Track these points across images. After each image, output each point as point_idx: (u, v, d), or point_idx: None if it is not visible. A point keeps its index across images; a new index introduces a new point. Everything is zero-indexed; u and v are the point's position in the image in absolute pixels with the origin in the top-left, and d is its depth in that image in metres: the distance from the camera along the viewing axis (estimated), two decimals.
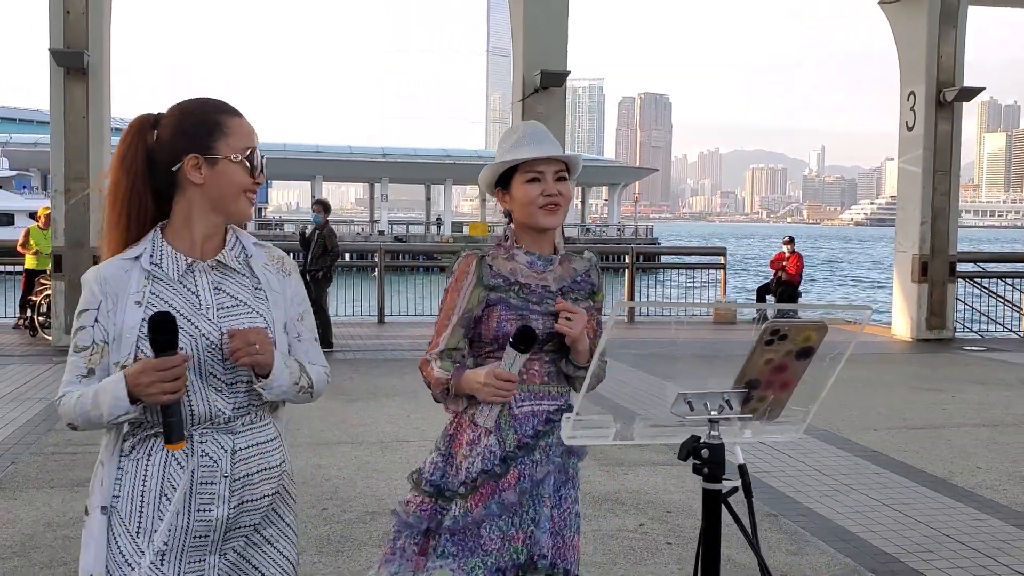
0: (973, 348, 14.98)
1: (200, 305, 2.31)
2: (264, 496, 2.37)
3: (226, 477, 2.29)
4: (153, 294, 2.28)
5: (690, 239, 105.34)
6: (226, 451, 2.30)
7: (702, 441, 2.04)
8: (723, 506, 2.07)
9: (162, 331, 2.16)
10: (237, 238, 2.45)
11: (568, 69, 14.12)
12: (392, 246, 28.16)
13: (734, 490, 2.09)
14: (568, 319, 2.79)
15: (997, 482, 7.07)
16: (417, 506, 2.87)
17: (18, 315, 15.62)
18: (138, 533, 2.25)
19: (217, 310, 2.32)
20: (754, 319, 18.61)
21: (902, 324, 16.05)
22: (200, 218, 2.36)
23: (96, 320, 2.27)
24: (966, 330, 17.35)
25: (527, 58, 14.06)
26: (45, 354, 12.62)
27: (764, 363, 1.99)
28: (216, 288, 2.35)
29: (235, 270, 2.39)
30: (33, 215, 15.57)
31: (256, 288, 2.40)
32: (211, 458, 2.28)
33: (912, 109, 15.87)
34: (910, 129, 15.92)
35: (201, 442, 2.28)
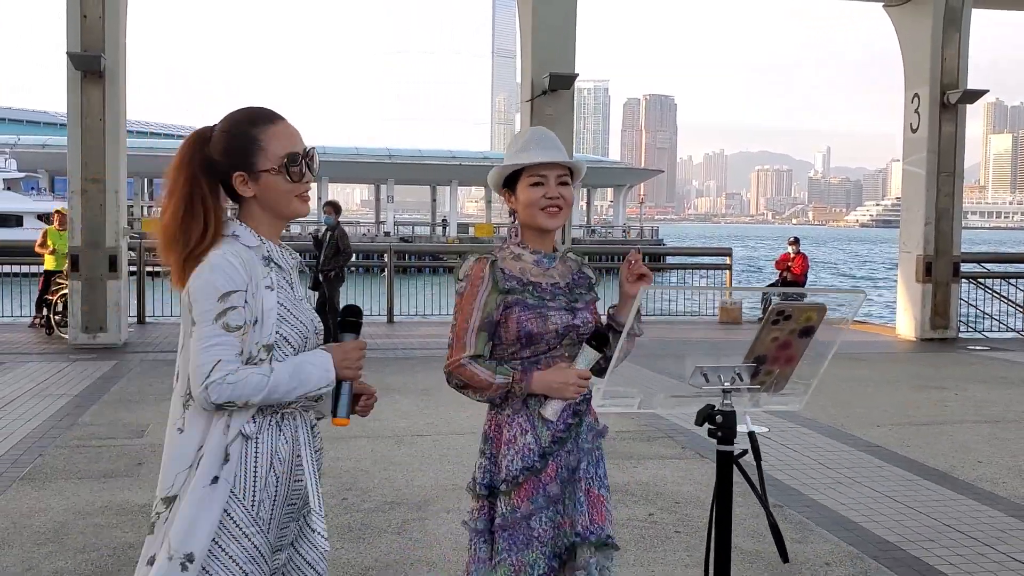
0: (976, 347, 15.16)
1: (295, 295, 2.57)
2: (321, 466, 2.68)
3: (313, 451, 2.59)
4: (277, 283, 2.52)
5: (696, 240, 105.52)
6: (309, 427, 2.60)
7: (716, 408, 2.25)
8: (735, 467, 2.27)
9: (357, 316, 2.54)
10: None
11: (576, 72, 14.31)
12: (400, 247, 28.38)
13: (744, 452, 2.30)
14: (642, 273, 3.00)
15: (997, 475, 7.25)
16: (479, 511, 3.05)
17: (34, 314, 15.86)
18: (252, 506, 2.44)
19: (305, 302, 2.63)
20: (761, 312, 18.83)
21: (906, 324, 16.24)
22: (266, 220, 2.58)
23: (246, 301, 2.43)
24: (970, 330, 17.53)
25: (535, 60, 14.27)
26: (62, 352, 12.85)
27: (771, 340, 2.20)
28: (299, 284, 2.64)
29: (300, 270, 2.69)
30: (42, 216, 15.83)
31: (300, 283, 2.68)
32: (303, 434, 2.56)
33: (916, 111, 16.06)
34: (914, 131, 16.11)
35: (295, 420, 2.55)
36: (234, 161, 2.51)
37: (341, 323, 2.53)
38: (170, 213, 2.51)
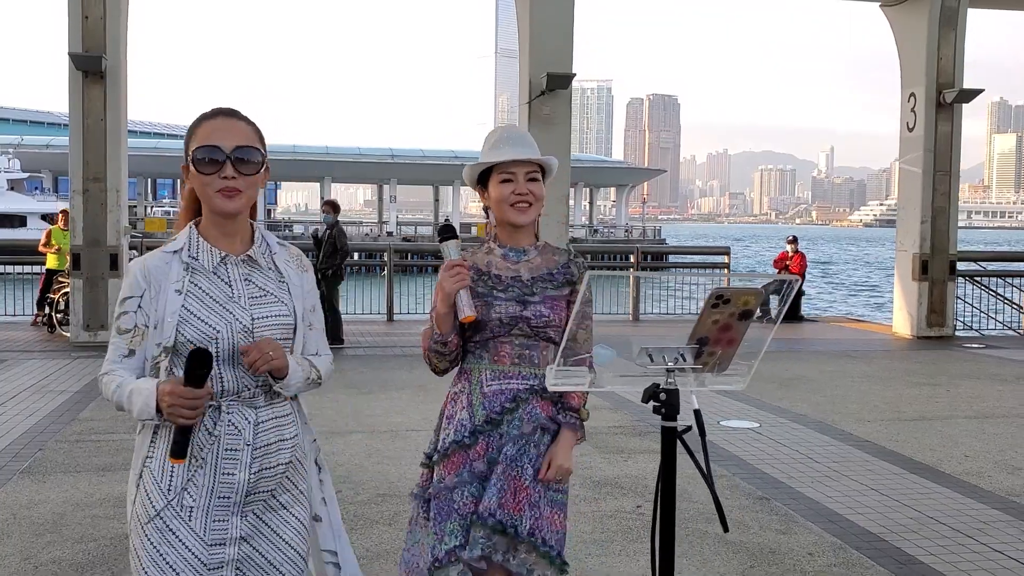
0: (973, 345, 15.25)
1: (233, 294, 2.60)
2: (279, 464, 2.64)
3: (248, 445, 2.58)
4: (192, 283, 2.57)
5: (699, 241, 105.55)
6: (249, 422, 2.58)
7: (661, 387, 2.36)
8: (678, 441, 2.40)
9: (198, 365, 2.40)
10: (263, 236, 2.74)
11: (574, 71, 14.40)
12: (401, 246, 28.49)
13: (688, 429, 2.41)
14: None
15: (983, 469, 7.36)
16: (422, 478, 3.25)
17: (36, 312, 16.00)
18: (168, 490, 2.54)
19: (248, 299, 2.61)
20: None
21: (903, 322, 16.33)
22: (209, 216, 2.66)
23: (139, 306, 2.56)
24: (967, 328, 17.62)
25: (533, 60, 14.36)
26: (63, 350, 12.97)
27: (712, 323, 2.31)
28: (246, 280, 2.64)
29: (260, 265, 2.68)
30: (45, 217, 16.00)
31: (280, 281, 2.69)
32: (236, 427, 2.56)
33: (913, 110, 16.15)
34: (911, 130, 16.21)
35: (228, 413, 2.57)
36: (184, 153, 2.65)
37: (185, 371, 2.42)
38: (180, 217, 2.77)
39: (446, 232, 2.99)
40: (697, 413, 2.34)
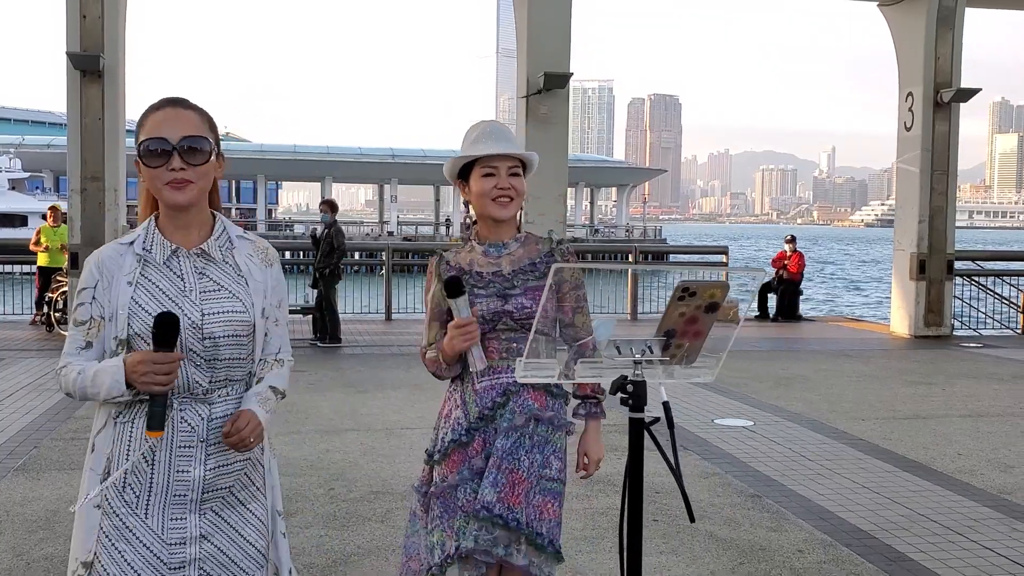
0: (970, 345, 15.26)
1: (184, 288, 2.56)
2: (236, 461, 2.60)
3: (203, 442, 2.54)
4: (143, 276, 2.54)
5: (700, 240, 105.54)
6: (203, 419, 2.54)
7: (628, 379, 2.39)
8: (646, 434, 2.43)
9: (165, 329, 2.39)
10: (224, 228, 2.68)
11: (571, 71, 14.42)
12: (400, 245, 28.54)
13: (656, 420, 2.43)
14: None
15: (976, 467, 7.37)
16: (424, 474, 3.29)
17: (35, 312, 16.04)
18: (123, 488, 2.51)
19: (200, 292, 2.56)
20: (755, 315, 18.90)
21: (900, 321, 16.35)
22: (163, 209, 2.62)
23: (94, 298, 2.53)
24: (964, 328, 17.63)
25: (531, 60, 14.37)
26: (61, 349, 12.96)
27: (679, 315, 2.33)
28: (200, 273, 2.58)
29: (213, 259, 2.61)
30: (46, 217, 16.07)
31: (238, 275, 2.62)
32: (189, 424, 2.53)
33: (910, 110, 16.16)
34: (908, 129, 16.22)
35: (180, 410, 2.53)
36: (136, 147, 2.60)
37: (153, 336, 2.42)
38: (140, 217, 2.72)
39: (454, 289, 2.97)
40: (666, 405, 2.37)
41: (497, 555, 3.02)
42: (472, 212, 3.26)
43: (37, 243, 15.88)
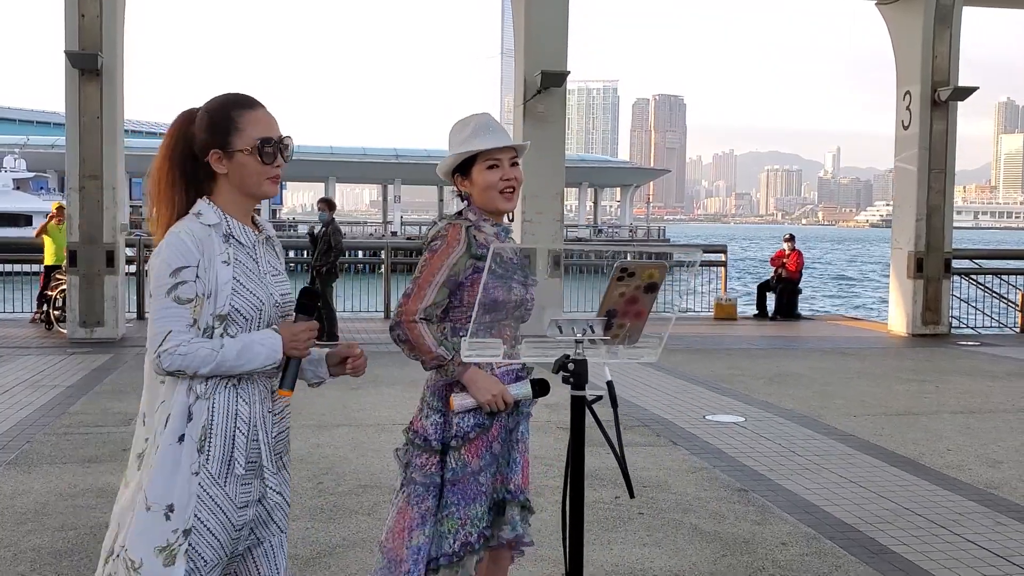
0: (967, 343, 15.27)
1: (260, 271, 2.74)
2: (287, 428, 2.85)
3: (271, 412, 2.75)
4: (235, 256, 2.69)
5: (703, 241, 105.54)
6: (270, 392, 2.75)
7: (570, 357, 2.43)
8: (588, 411, 2.48)
9: (311, 299, 2.69)
10: (260, 220, 2.87)
11: (568, 69, 14.45)
12: (400, 244, 28.57)
13: (598, 398, 2.47)
14: None
15: (963, 462, 7.39)
16: (435, 465, 3.20)
17: (35, 310, 16.11)
18: (209, 459, 2.61)
19: (270, 276, 2.77)
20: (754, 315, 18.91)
21: (898, 319, 16.36)
22: (235, 198, 2.76)
23: (197, 276, 2.61)
24: (962, 326, 17.63)
25: (529, 58, 14.41)
26: (60, 346, 13.06)
27: (619, 295, 2.37)
28: (266, 259, 2.80)
29: (272, 245, 2.86)
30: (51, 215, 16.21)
31: (279, 259, 2.87)
32: (263, 397, 2.72)
33: (908, 108, 16.18)
34: (906, 128, 16.23)
35: (259, 383, 2.72)
36: (212, 139, 2.70)
37: (297, 304, 2.68)
38: (154, 199, 2.76)
39: (543, 390, 3.04)
40: (610, 384, 2.41)
41: (518, 534, 3.18)
42: (466, 204, 3.29)
43: (43, 232, 16.05)
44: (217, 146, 2.69)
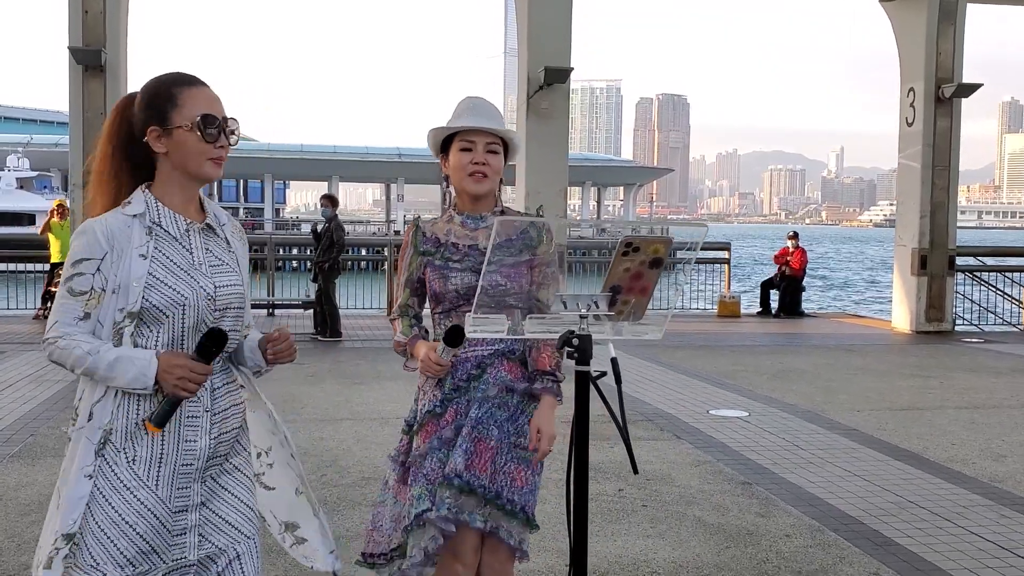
0: (971, 340, 15.24)
1: (194, 262, 2.60)
2: (233, 428, 2.68)
3: (207, 412, 2.59)
4: (156, 249, 2.54)
5: (708, 240, 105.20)
6: (207, 389, 2.58)
7: (574, 333, 2.42)
8: (592, 387, 2.47)
9: (215, 342, 2.47)
10: (210, 206, 2.73)
11: (571, 66, 14.44)
12: (401, 241, 28.56)
13: (603, 374, 2.46)
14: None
15: (968, 456, 7.38)
16: (401, 445, 3.36)
17: (38, 307, 16.14)
18: (133, 461, 2.50)
19: (208, 267, 2.62)
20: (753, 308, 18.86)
21: (902, 317, 16.34)
22: (175, 182, 2.63)
23: (98, 269, 2.48)
24: (966, 323, 17.59)
25: (532, 55, 14.41)
26: None
27: (623, 271, 2.35)
28: (205, 248, 2.64)
29: (216, 234, 2.68)
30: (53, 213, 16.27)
31: (229, 251, 2.71)
32: (196, 396, 2.55)
33: (912, 105, 16.15)
34: (910, 125, 16.21)
35: None
36: (150, 116, 2.58)
37: (200, 346, 2.49)
38: (93, 185, 2.65)
39: (454, 338, 2.98)
40: (614, 361, 2.40)
41: (462, 520, 3.06)
42: (452, 186, 3.30)
43: (47, 229, 16.09)
44: (155, 122, 2.56)
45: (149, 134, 2.58)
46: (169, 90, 2.60)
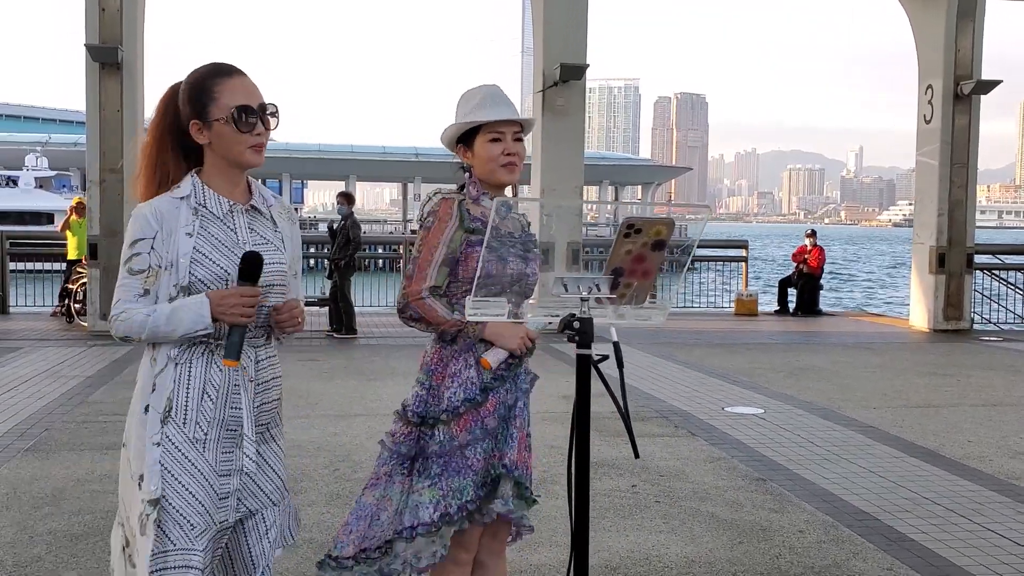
0: (989, 338, 15.13)
1: (238, 240, 2.73)
2: (274, 399, 2.83)
3: (252, 381, 2.74)
4: (202, 228, 2.69)
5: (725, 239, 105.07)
6: (252, 360, 2.74)
7: (576, 316, 2.40)
8: (593, 370, 2.45)
9: (252, 265, 2.61)
10: (258, 189, 2.87)
11: (587, 63, 14.40)
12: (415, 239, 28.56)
13: (604, 358, 2.43)
14: None
15: (985, 454, 7.32)
16: (405, 436, 3.21)
17: (56, 304, 16.21)
18: (184, 423, 2.65)
19: (252, 245, 2.74)
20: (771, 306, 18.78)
21: (919, 315, 16.23)
22: (220, 168, 2.76)
23: (152, 248, 2.66)
24: (985, 322, 17.47)
25: (547, 52, 14.38)
26: (80, 338, 13.12)
27: (625, 253, 2.32)
28: (250, 228, 2.78)
29: (262, 214, 2.82)
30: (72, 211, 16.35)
31: (275, 231, 2.84)
32: (242, 365, 2.70)
33: (930, 102, 16.04)
34: (928, 122, 16.10)
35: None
36: (192, 110, 2.72)
37: (240, 272, 2.64)
38: (140, 168, 2.80)
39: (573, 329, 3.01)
40: (616, 346, 2.37)
41: (516, 515, 3.15)
42: (473, 176, 3.25)
43: (66, 227, 16.18)
44: (196, 117, 2.71)
45: (192, 127, 2.73)
46: (205, 84, 2.73)
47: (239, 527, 2.77)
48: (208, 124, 2.70)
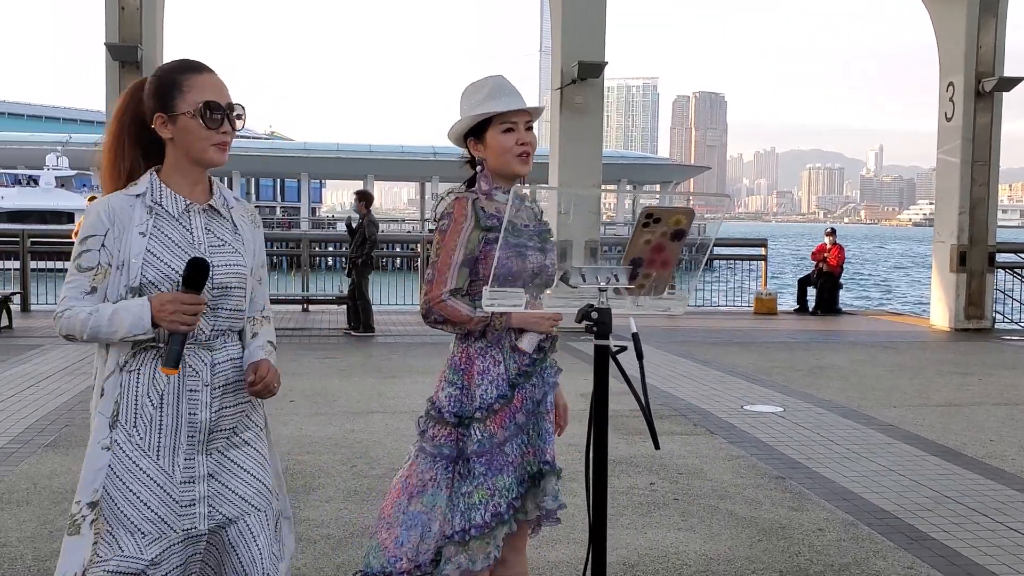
0: (1012, 338, 15.02)
1: (194, 241, 2.66)
2: (238, 403, 2.73)
3: (207, 386, 2.65)
4: (155, 227, 2.63)
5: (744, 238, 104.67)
6: (206, 364, 2.65)
7: (594, 306, 2.37)
8: (612, 361, 2.43)
9: (197, 272, 2.52)
10: (219, 189, 2.80)
11: (606, 60, 14.36)
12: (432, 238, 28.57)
13: (622, 349, 2.41)
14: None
15: (1007, 453, 7.26)
16: (445, 437, 3.14)
17: None
18: (134, 430, 2.58)
19: (208, 246, 2.68)
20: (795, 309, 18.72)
21: (940, 314, 16.12)
22: (181, 166, 2.70)
23: (103, 245, 2.60)
24: (1006, 321, 17.34)
25: (565, 50, 14.36)
26: None
27: (644, 243, 2.29)
28: (207, 228, 2.70)
29: (221, 215, 2.75)
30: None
31: (235, 233, 2.76)
32: (194, 369, 2.62)
33: (951, 100, 15.93)
34: (949, 120, 15.99)
35: (186, 355, 2.62)
36: (157, 103, 2.66)
37: (184, 278, 2.56)
38: (107, 165, 2.74)
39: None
40: (635, 336, 2.35)
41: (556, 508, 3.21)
42: (484, 169, 3.22)
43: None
44: (161, 109, 2.65)
45: (156, 121, 2.66)
46: (174, 77, 2.67)
47: (222, 536, 2.69)
48: (173, 118, 2.64)
